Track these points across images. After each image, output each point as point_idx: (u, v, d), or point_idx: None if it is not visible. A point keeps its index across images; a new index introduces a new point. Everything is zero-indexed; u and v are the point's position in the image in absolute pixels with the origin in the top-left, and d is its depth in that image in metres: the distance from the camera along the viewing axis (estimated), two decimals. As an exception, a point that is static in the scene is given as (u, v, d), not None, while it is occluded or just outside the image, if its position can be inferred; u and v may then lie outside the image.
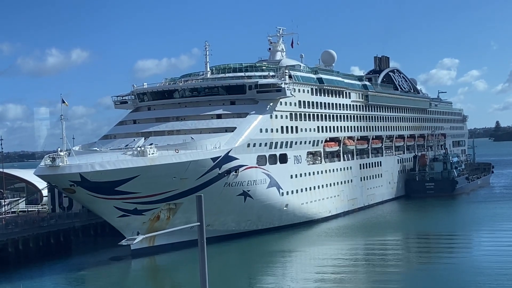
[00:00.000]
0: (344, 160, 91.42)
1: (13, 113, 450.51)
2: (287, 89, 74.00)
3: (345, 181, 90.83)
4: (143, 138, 70.34)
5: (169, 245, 61.89)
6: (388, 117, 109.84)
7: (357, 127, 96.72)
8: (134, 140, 70.38)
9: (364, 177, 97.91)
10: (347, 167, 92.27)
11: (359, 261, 60.17)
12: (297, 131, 78.57)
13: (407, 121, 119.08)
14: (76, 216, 72.15)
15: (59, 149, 57.78)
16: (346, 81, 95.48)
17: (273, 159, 73.71)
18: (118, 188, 58.78)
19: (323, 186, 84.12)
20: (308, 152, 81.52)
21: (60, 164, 56.33)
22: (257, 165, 70.25)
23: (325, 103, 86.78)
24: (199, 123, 71.09)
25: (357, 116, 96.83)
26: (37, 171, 59.13)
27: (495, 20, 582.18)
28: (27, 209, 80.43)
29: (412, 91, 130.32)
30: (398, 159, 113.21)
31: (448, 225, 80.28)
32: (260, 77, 75.96)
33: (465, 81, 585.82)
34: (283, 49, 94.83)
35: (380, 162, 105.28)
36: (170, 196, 62.26)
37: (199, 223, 17.37)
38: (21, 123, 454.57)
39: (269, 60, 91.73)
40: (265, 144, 72.19)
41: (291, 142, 77.09)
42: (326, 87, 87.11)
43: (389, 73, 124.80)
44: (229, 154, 65.65)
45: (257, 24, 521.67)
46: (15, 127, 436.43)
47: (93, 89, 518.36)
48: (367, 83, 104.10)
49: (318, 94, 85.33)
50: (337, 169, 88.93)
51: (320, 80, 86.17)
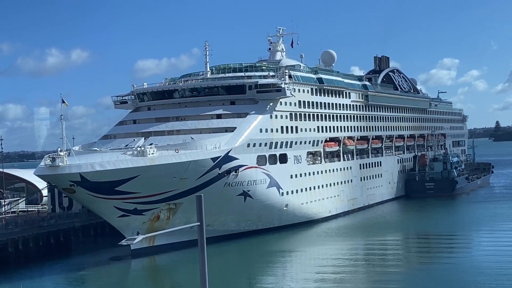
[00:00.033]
0: (344, 160, 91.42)
1: (13, 113, 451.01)
2: (287, 89, 74.00)
3: (345, 181, 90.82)
4: (143, 138, 70.33)
5: (169, 245, 61.88)
6: (388, 117, 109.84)
7: (357, 127, 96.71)
8: (134, 140, 70.37)
9: (364, 177, 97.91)
10: (347, 167, 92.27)
11: (359, 261, 60.14)
12: (297, 131, 78.56)
13: (407, 121, 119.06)
14: (76, 216, 72.14)
15: (59, 149, 57.78)
16: (346, 81, 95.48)
17: (273, 159, 73.70)
18: (118, 188, 58.78)
19: (323, 186, 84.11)
20: (308, 152, 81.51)
21: (60, 164, 56.34)
22: (257, 165, 70.24)
23: (325, 103, 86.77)
24: (199, 123, 71.09)
25: (357, 116, 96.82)
26: (37, 171, 59.15)
27: (495, 20, 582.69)
28: (27, 209, 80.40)
29: (412, 91, 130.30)
30: (398, 159, 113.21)
31: (448, 225, 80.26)
32: (260, 77, 75.95)
33: (465, 81, 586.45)
34: (283, 49, 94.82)
35: (380, 162, 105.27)
36: (170, 196, 62.25)
37: (199, 223, 17.37)
38: (21, 123, 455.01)
39: (269, 60, 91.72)
40: (265, 144, 72.17)
41: (291, 142, 77.08)
42: (326, 87, 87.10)
43: (389, 73, 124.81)
44: (229, 154, 65.64)
45: (257, 24, 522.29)
46: (15, 127, 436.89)
47: (93, 89, 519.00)
48: (367, 83, 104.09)
49: (318, 94, 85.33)
50: (337, 169, 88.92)
51: (320, 80, 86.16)
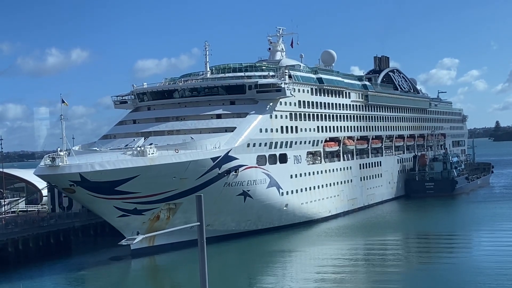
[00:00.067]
0: (344, 160, 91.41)
1: (13, 113, 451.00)
2: (287, 89, 73.99)
3: (345, 181, 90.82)
4: (143, 138, 70.31)
5: (169, 245, 61.86)
6: (388, 117, 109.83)
7: (357, 127, 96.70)
8: (134, 140, 70.35)
9: (364, 177, 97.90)
10: (347, 167, 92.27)
11: (359, 261, 60.13)
12: (297, 131, 78.55)
13: (407, 121, 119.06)
14: (76, 216, 72.12)
15: (59, 149, 57.76)
16: (346, 81, 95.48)
17: (273, 159, 73.69)
18: (118, 188, 58.77)
19: (323, 186, 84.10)
20: (308, 152, 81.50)
21: (60, 164, 56.33)
22: (257, 165, 70.24)
23: (325, 103, 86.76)
24: (199, 123, 71.08)
25: (357, 116, 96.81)
26: (37, 171, 59.15)
27: (495, 20, 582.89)
28: (27, 209, 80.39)
29: (412, 91, 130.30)
30: (398, 159, 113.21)
31: (448, 225, 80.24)
32: (260, 77, 75.94)
33: (465, 81, 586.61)
34: (283, 49, 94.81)
35: (380, 162, 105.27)
36: (170, 196, 62.24)
37: (199, 223, 17.36)
38: (21, 123, 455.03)
39: (269, 60, 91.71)
40: (265, 144, 72.16)
41: (291, 142, 77.06)
42: (326, 87, 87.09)
43: (389, 73, 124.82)
44: (229, 154, 65.63)
45: (257, 24, 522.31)
46: (15, 127, 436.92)
47: (93, 89, 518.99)
48: (367, 83, 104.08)
49: (318, 94, 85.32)
50: (337, 169, 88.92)
51: (320, 80, 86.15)
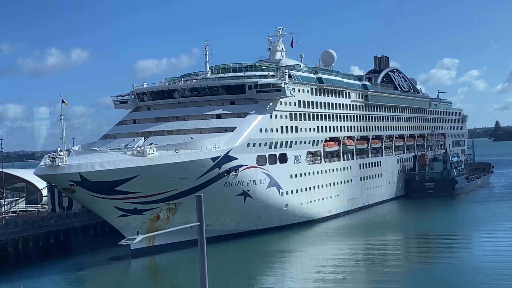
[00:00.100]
0: (344, 160, 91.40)
1: (13, 113, 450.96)
2: (287, 89, 73.99)
3: (345, 181, 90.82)
4: (143, 138, 70.31)
5: (168, 245, 61.84)
6: (388, 117, 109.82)
7: (357, 127, 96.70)
8: (134, 140, 70.34)
9: (364, 177, 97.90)
10: (347, 167, 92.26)
11: (359, 261, 60.14)
12: (297, 131, 78.54)
13: (407, 121, 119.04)
14: (76, 216, 72.10)
15: (59, 149, 57.76)
16: (346, 81, 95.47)
17: (273, 159, 73.68)
18: (118, 188, 58.76)
19: (323, 186, 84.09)
20: (308, 152, 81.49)
21: (60, 164, 56.32)
22: (257, 165, 70.24)
23: (325, 103, 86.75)
24: (199, 123, 71.08)
25: (357, 116, 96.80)
26: (37, 171, 59.15)
27: (495, 20, 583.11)
28: (26, 209, 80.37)
29: (412, 91, 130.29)
30: (398, 159, 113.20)
31: (448, 225, 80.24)
32: (260, 77, 75.93)
33: (465, 81, 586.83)
34: (283, 49, 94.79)
35: (380, 162, 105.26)
36: (170, 196, 62.23)
37: (198, 223, 17.36)
38: (21, 123, 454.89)
39: (269, 60, 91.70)
40: (265, 144, 72.16)
41: (291, 142, 77.06)
42: (326, 87, 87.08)
43: (389, 73, 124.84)
44: (229, 154, 65.63)
45: (257, 24, 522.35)
46: (15, 127, 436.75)
47: (93, 89, 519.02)
48: (367, 83, 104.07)
49: (318, 94, 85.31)
50: (337, 169, 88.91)
51: (320, 80, 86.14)
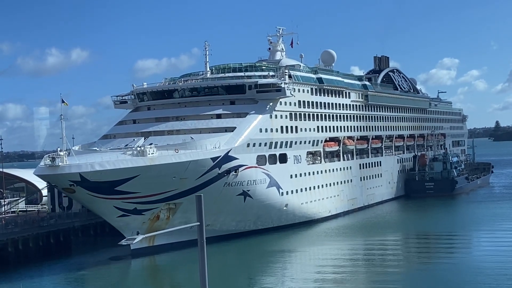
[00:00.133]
0: (344, 160, 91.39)
1: (13, 113, 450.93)
2: (287, 89, 73.98)
3: (344, 181, 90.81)
4: (143, 138, 70.30)
5: (168, 245, 61.86)
6: (387, 117, 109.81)
7: (357, 127, 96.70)
8: (134, 140, 70.34)
9: (364, 177, 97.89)
10: (347, 167, 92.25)
11: (359, 261, 60.13)
12: (296, 131, 78.53)
13: (406, 121, 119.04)
14: (75, 216, 72.10)
15: (58, 149, 57.77)
16: (346, 81, 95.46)
17: (272, 159, 73.67)
18: (117, 188, 58.76)
19: (322, 186, 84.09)
20: (308, 152, 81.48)
21: (60, 164, 56.32)
22: (256, 165, 70.23)
23: (325, 103, 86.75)
24: (198, 123, 71.07)
25: (357, 116, 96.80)
26: (37, 171, 59.15)
27: (495, 20, 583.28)
28: (26, 209, 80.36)
29: (412, 91, 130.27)
30: (397, 159, 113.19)
31: (448, 225, 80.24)
32: (260, 77, 75.92)
33: (465, 81, 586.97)
34: (283, 49, 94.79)
35: (380, 162, 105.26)
36: (170, 196, 62.23)
37: (198, 223, 17.36)
38: (21, 123, 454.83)
39: (269, 60, 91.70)
40: (265, 144, 72.15)
41: (291, 142, 77.05)
42: (326, 87, 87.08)
43: (389, 73, 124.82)
44: (228, 154, 65.62)
45: (257, 24, 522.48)
46: (15, 127, 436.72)
47: (92, 89, 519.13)
48: (367, 83, 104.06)
49: (318, 94, 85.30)
50: (337, 169, 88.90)
51: (320, 80, 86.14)
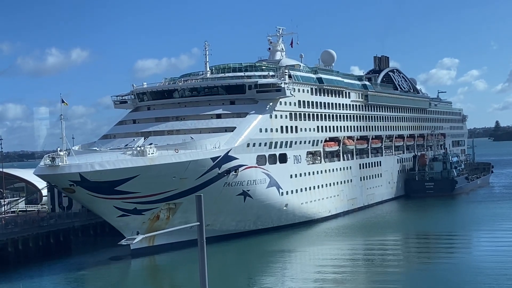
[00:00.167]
0: (343, 160, 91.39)
1: (13, 112, 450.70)
2: (287, 89, 73.98)
3: (344, 181, 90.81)
4: (143, 138, 70.29)
5: (168, 245, 61.86)
6: (387, 117, 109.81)
7: (357, 127, 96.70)
8: (134, 140, 70.33)
9: (364, 177, 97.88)
10: (347, 167, 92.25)
11: (359, 261, 60.12)
12: (296, 131, 78.52)
13: (406, 121, 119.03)
14: (75, 216, 72.09)
15: (58, 149, 57.77)
16: (345, 81, 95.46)
17: (272, 159, 73.67)
18: (117, 188, 58.76)
19: (322, 186, 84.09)
20: (307, 152, 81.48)
21: (60, 163, 56.32)
22: (256, 165, 70.23)
23: (324, 103, 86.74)
24: (198, 123, 71.07)
25: (356, 116, 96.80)
26: (37, 171, 59.16)
27: (495, 20, 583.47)
28: (26, 209, 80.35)
29: (412, 91, 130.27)
30: (397, 159, 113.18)
31: (448, 225, 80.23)
32: (260, 77, 75.92)
33: (465, 81, 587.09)
34: (282, 49, 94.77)
35: (380, 162, 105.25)
36: (170, 196, 62.22)
37: (198, 223, 17.35)
38: (20, 122, 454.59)
39: (268, 60, 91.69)
40: (265, 144, 72.14)
41: (291, 142, 77.05)
42: (326, 87, 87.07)
43: (389, 73, 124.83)
44: (228, 154, 65.62)
45: (257, 24, 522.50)
46: (15, 126, 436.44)
47: (92, 88, 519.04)
48: (367, 83, 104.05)
49: (318, 94, 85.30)
50: (336, 169, 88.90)
51: (320, 80, 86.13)
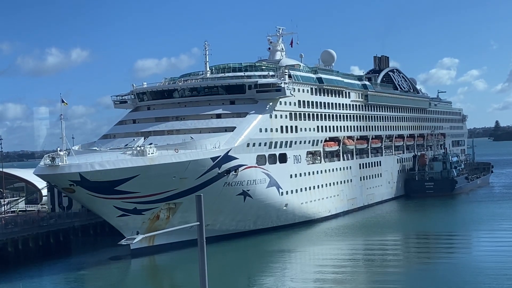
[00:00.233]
0: (343, 159, 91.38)
1: (12, 112, 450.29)
2: (287, 89, 73.97)
3: (344, 181, 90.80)
4: (143, 138, 70.29)
5: (168, 245, 61.87)
6: (387, 116, 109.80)
7: (357, 126, 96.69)
8: (134, 139, 70.33)
9: (364, 176, 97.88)
10: (347, 167, 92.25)
11: (359, 261, 60.11)
12: (296, 131, 78.52)
13: (406, 121, 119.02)
14: (75, 216, 72.14)
15: (58, 149, 57.79)
16: (345, 80, 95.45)
17: (272, 159, 73.67)
18: (117, 188, 58.75)
19: (322, 185, 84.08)
20: (307, 151, 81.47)
21: (60, 163, 56.32)
22: (256, 165, 70.23)
23: (324, 102, 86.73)
24: (198, 122, 71.08)
25: (356, 116, 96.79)
26: (37, 171, 59.16)
27: (495, 20, 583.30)
28: (26, 209, 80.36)
29: (412, 90, 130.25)
30: (397, 159, 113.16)
31: (448, 224, 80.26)
32: (260, 76, 75.91)
33: (464, 81, 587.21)
34: (282, 49, 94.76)
35: (380, 161, 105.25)
36: (170, 196, 62.22)
37: (198, 223, 17.35)
38: (20, 122, 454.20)
39: (268, 60, 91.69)
40: (265, 144, 72.14)
41: (291, 142, 77.04)
42: (326, 87, 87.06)
43: (389, 72, 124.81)
44: (228, 154, 65.62)
45: (257, 24, 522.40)
46: (15, 126, 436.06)
47: (92, 88, 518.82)
48: (367, 82, 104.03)
49: (318, 94, 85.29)
50: (336, 168, 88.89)
51: (320, 80, 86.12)
